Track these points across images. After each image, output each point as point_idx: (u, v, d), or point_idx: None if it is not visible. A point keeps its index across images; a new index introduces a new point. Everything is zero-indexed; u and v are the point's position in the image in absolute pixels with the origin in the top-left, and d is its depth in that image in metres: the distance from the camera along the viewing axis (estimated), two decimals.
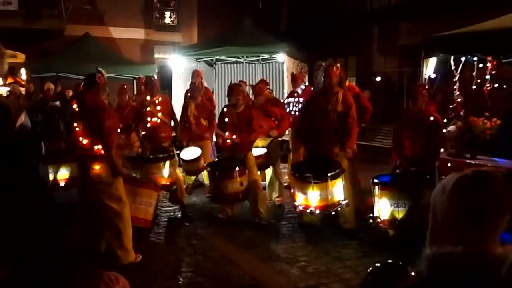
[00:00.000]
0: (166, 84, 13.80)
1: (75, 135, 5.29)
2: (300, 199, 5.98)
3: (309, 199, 5.85)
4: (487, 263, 1.37)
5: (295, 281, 4.91)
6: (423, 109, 5.95)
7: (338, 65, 6.35)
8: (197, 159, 7.56)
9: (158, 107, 7.24)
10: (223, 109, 7.20)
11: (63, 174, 7.62)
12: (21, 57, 14.74)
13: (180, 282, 4.87)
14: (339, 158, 6.11)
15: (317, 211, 5.91)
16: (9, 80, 15.39)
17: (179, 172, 7.43)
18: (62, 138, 11.67)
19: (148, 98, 7.35)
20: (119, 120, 6.23)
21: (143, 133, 7.32)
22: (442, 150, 6.31)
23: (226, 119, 6.88)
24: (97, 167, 5.11)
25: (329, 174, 5.77)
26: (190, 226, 6.76)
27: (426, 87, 6.30)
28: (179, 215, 7.23)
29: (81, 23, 16.28)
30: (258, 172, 7.77)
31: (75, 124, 5.27)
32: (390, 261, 1.72)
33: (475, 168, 1.50)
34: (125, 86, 8.88)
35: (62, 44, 15.35)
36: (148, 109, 7.25)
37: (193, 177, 8.48)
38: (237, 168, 6.49)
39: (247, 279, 4.92)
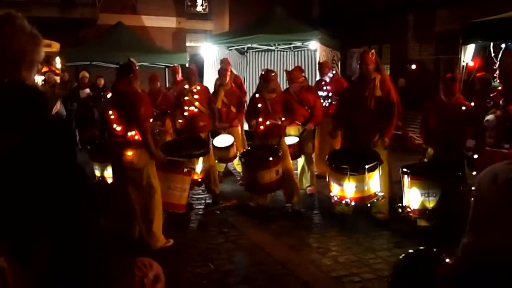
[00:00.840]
0: (198, 73, 13.84)
1: (110, 122, 5.38)
2: (335, 190, 5.91)
3: (345, 190, 5.78)
4: None
5: (326, 270, 4.87)
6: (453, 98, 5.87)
7: (373, 51, 6.24)
8: (229, 147, 7.56)
9: (196, 96, 7.24)
10: (254, 94, 7.14)
11: (111, 172, 7.70)
12: (55, 46, 15.03)
13: (210, 269, 4.89)
14: (378, 148, 6.01)
15: (352, 203, 5.84)
16: (44, 69, 15.72)
17: (213, 160, 7.42)
18: (96, 126, 11.91)
19: (186, 86, 7.36)
20: (152, 107, 6.28)
21: (180, 121, 7.32)
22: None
23: (259, 105, 6.83)
24: (130, 153, 5.21)
25: (367, 167, 5.68)
26: (221, 214, 6.78)
27: (451, 76, 6.17)
28: (211, 202, 7.26)
29: (114, 12, 16.43)
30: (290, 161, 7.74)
31: (110, 112, 5.36)
32: (423, 247, 1.66)
33: None
34: (156, 74, 8.97)
35: (96, 33, 15.54)
36: (186, 98, 7.26)
37: (224, 165, 8.50)
38: (271, 158, 6.43)
39: (278, 268, 4.91)
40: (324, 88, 8.38)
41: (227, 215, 6.73)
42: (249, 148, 7.32)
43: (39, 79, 13.41)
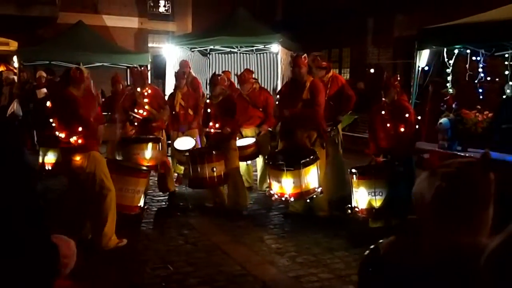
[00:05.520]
0: (159, 74, 13.75)
1: (54, 129, 5.37)
2: (275, 188, 6.07)
3: (283, 186, 5.94)
4: (472, 255, 1.39)
5: (285, 271, 4.94)
6: (395, 99, 6.05)
7: (305, 55, 6.43)
8: (188, 151, 7.55)
9: (146, 100, 7.24)
10: (205, 100, 7.38)
11: (50, 158, 7.73)
12: (13, 45, 14.65)
13: (169, 271, 4.88)
14: (315, 146, 6.18)
15: (292, 199, 6.04)
16: (1, 68, 15.30)
17: (169, 160, 7.47)
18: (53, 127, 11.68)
19: (138, 89, 7.34)
20: (95, 109, 6.21)
21: (136, 123, 7.31)
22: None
23: (208, 110, 7.01)
24: (77, 158, 5.22)
25: (302, 162, 5.87)
26: (181, 216, 6.77)
27: (398, 78, 6.38)
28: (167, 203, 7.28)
29: (75, 11, 16.17)
30: (249, 162, 7.84)
31: (51, 120, 5.37)
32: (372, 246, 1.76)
33: (446, 168, 1.52)
34: (118, 75, 8.95)
35: (55, 32, 15.24)
36: (137, 100, 7.27)
37: (183, 167, 8.47)
38: (211, 154, 6.61)
39: (237, 269, 4.95)
40: None
41: (186, 217, 6.72)
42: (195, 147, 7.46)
43: None
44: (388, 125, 6.03)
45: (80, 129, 5.16)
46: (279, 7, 18.59)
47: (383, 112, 6.09)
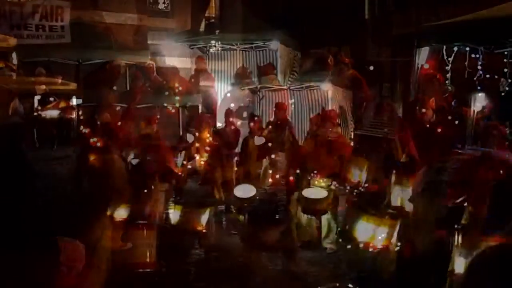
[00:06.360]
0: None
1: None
2: None
3: None
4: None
5: (284, 269, 4.96)
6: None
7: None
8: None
9: (177, 97, 7.26)
10: (226, 94, 7.33)
11: None
12: (12, 41, 14.59)
13: (169, 271, 4.88)
14: None
15: None
16: (0, 65, 15.24)
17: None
18: (55, 124, 11.69)
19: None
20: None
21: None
22: None
23: (232, 104, 7.00)
24: (95, 158, 5.23)
25: None
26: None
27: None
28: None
29: (74, 7, 16.10)
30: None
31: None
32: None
33: (442, 163, 1.53)
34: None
35: None
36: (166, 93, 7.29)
37: None
38: (236, 156, 6.72)
39: (237, 268, 4.95)
40: None
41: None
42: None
43: None
44: (439, 130, 5.85)
45: (104, 131, 5.29)
46: (278, 4, 18.57)
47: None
